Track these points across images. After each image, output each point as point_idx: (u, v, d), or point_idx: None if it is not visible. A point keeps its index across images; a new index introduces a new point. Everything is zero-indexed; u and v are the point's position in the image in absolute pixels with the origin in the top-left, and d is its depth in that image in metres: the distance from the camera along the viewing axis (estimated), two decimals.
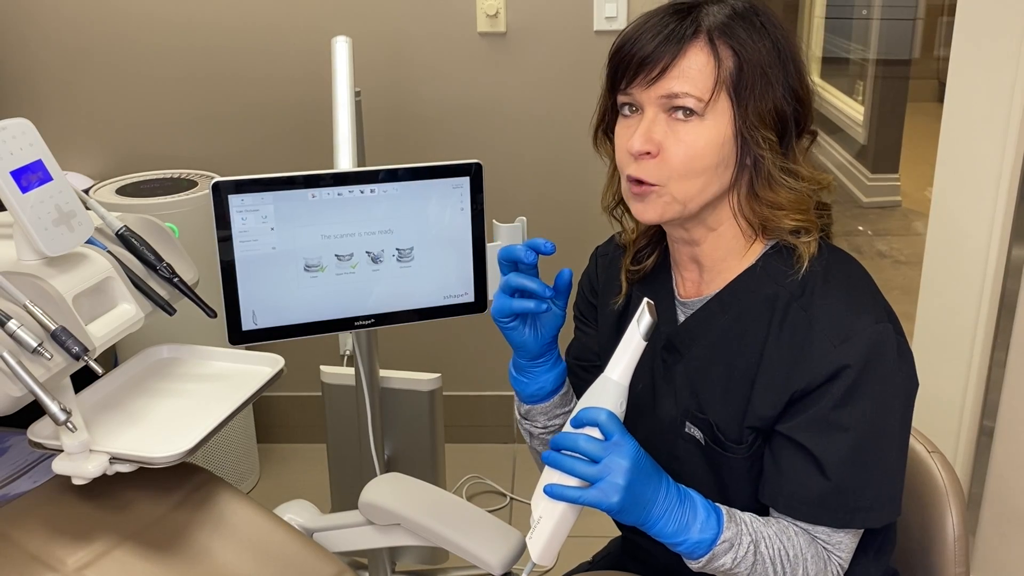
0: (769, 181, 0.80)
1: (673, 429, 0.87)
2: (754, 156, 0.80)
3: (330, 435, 1.58)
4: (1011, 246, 1.43)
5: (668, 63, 0.77)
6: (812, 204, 0.82)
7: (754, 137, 0.79)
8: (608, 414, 0.74)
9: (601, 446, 0.73)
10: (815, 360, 0.78)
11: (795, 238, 0.82)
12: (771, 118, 0.79)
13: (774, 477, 0.82)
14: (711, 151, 0.78)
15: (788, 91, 0.80)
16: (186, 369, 1.07)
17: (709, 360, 0.85)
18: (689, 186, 0.79)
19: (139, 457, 0.89)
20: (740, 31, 0.78)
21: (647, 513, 0.75)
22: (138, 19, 1.83)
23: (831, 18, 4.33)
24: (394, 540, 1.08)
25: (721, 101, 0.78)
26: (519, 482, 1.97)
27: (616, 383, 0.75)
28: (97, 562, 0.89)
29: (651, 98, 0.79)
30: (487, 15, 1.79)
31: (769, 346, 0.81)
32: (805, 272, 0.81)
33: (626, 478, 0.72)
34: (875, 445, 0.79)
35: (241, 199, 0.87)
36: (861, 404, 0.78)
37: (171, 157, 1.90)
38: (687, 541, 0.76)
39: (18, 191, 0.83)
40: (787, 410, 0.80)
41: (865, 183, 3.66)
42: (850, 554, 0.82)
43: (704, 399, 0.85)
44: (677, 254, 0.89)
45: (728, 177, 0.81)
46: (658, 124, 0.79)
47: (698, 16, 0.79)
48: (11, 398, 0.80)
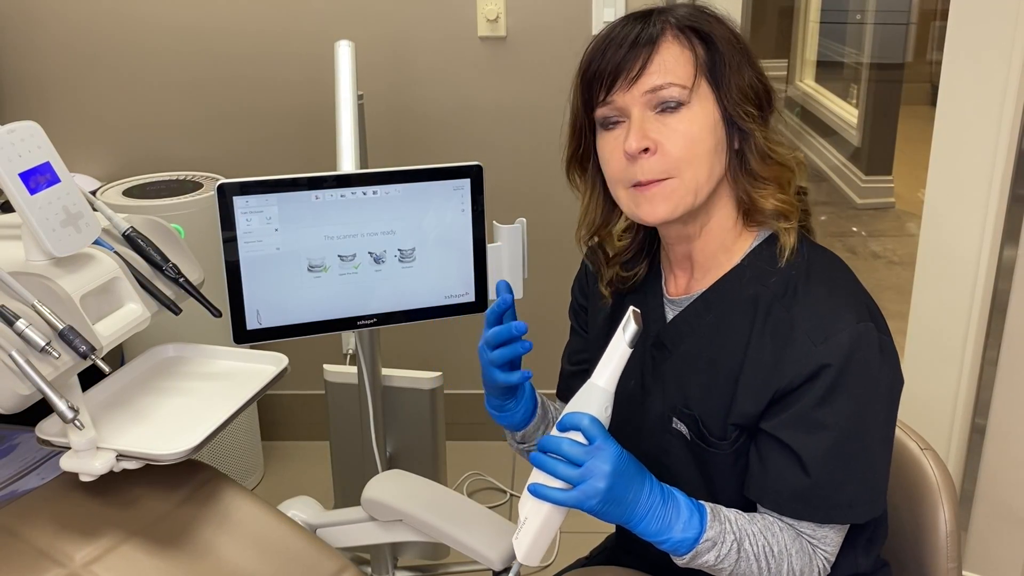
0: (761, 154, 0.82)
1: (661, 424, 0.89)
2: (744, 133, 0.82)
3: (333, 432, 1.59)
4: (1002, 247, 1.44)
5: (645, 61, 0.79)
6: (794, 184, 0.84)
7: (739, 113, 0.81)
8: (591, 419, 0.75)
9: (583, 450, 0.74)
10: (796, 359, 0.79)
11: (778, 223, 0.84)
12: (751, 92, 0.82)
13: (759, 474, 0.83)
14: (706, 134, 0.80)
15: (754, 72, 0.83)
16: (191, 368, 1.07)
17: (695, 357, 0.86)
18: (698, 172, 0.81)
19: (145, 454, 0.89)
20: (702, 22, 0.82)
21: (630, 513, 0.76)
22: (144, 25, 1.84)
23: (826, 23, 4.34)
24: (396, 536, 1.09)
25: (703, 87, 0.80)
26: (519, 479, 1.98)
27: (602, 389, 0.76)
28: (104, 557, 0.90)
29: (636, 98, 0.80)
30: (487, 20, 1.81)
31: (752, 345, 0.82)
32: (788, 272, 0.82)
33: (607, 482, 0.73)
34: (856, 443, 0.80)
35: (246, 200, 0.87)
36: (842, 402, 0.78)
37: (177, 159, 1.91)
38: (670, 540, 0.77)
39: (26, 193, 0.84)
40: (770, 408, 0.81)
41: (859, 185, 3.68)
42: (836, 548, 0.83)
43: (690, 395, 0.86)
44: (671, 254, 0.90)
45: (724, 159, 0.82)
46: (648, 122, 0.80)
47: (659, 17, 0.82)
48: (19, 396, 0.80)
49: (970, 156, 1.44)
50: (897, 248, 3.27)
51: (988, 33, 1.39)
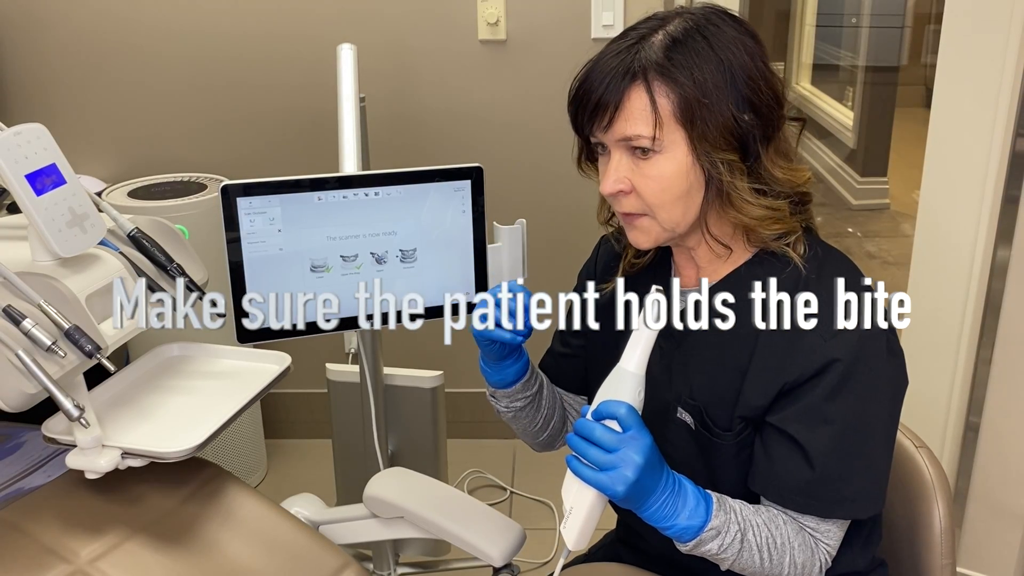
0: (732, 202, 0.81)
1: (666, 413, 0.89)
2: (716, 179, 0.80)
3: (335, 431, 1.59)
4: (996, 247, 1.45)
5: (615, 110, 0.79)
6: (786, 213, 0.82)
7: (712, 161, 0.79)
8: (628, 408, 0.75)
9: (617, 438, 0.75)
10: (806, 353, 0.79)
11: (778, 243, 0.83)
12: (724, 140, 0.79)
13: (764, 466, 0.83)
14: (679, 180, 0.80)
15: (743, 106, 0.79)
16: (196, 367, 1.08)
17: (703, 349, 0.87)
18: (672, 213, 0.82)
19: (150, 452, 0.90)
20: (677, 65, 0.78)
21: (644, 500, 0.77)
22: (150, 29, 1.85)
23: (822, 26, 4.36)
24: (397, 533, 1.09)
25: (674, 132, 0.79)
26: (519, 476, 1.99)
27: (633, 374, 0.77)
28: (109, 554, 0.90)
29: (612, 141, 0.82)
30: (488, 23, 1.82)
31: (762, 339, 0.82)
32: (799, 268, 0.83)
33: (636, 473, 0.74)
34: (861, 438, 0.81)
35: (249, 202, 0.88)
36: (849, 398, 0.79)
37: (181, 161, 1.92)
38: (675, 526, 0.78)
39: (33, 194, 0.84)
40: (777, 401, 0.82)
41: (855, 186, 3.69)
42: (838, 543, 0.84)
43: (696, 386, 0.87)
44: (676, 254, 0.91)
45: (699, 200, 0.82)
46: (623, 163, 0.81)
47: (638, 53, 0.79)
48: (26, 395, 0.81)
49: (964, 158, 1.45)
50: (892, 249, 3.29)
51: (982, 36, 1.39)
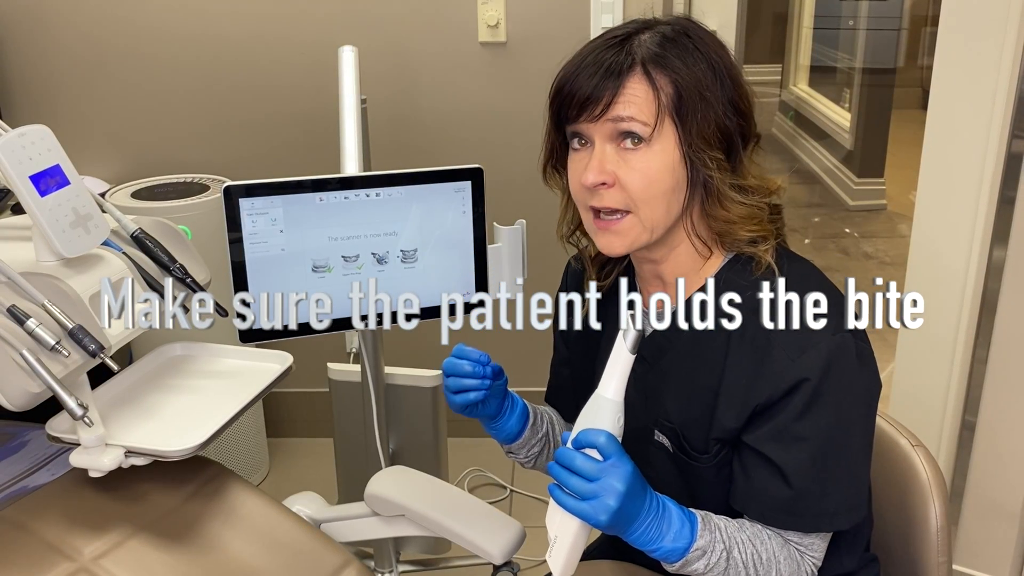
0: (720, 200, 0.81)
1: (644, 436, 0.89)
2: (703, 176, 0.80)
3: (337, 430, 1.59)
4: (992, 248, 1.45)
5: (611, 99, 0.79)
6: (766, 215, 0.83)
7: (701, 158, 0.79)
8: (607, 436, 0.74)
9: (598, 467, 0.73)
10: (775, 374, 0.79)
11: (752, 247, 0.83)
12: (715, 137, 0.80)
13: (743, 486, 0.83)
14: (665, 175, 0.80)
15: (729, 107, 0.80)
16: (198, 366, 1.08)
17: (675, 371, 0.86)
18: (654, 210, 0.81)
19: (153, 451, 0.90)
20: (673, 58, 0.79)
21: (628, 526, 0.76)
22: (153, 31, 1.86)
23: (819, 28, 4.38)
24: (398, 531, 1.10)
25: (666, 126, 0.79)
26: (519, 475, 1.99)
27: (611, 401, 0.75)
28: (113, 552, 0.90)
29: (600, 129, 0.80)
30: (488, 26, 1.83)
31: (730, 360, 0.81)
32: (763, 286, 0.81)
33: (619, 501, 0.73)
34: (836, 453, 0.80)
35: (252, 202, 0.89)
36: (821, 415, 0.78)
37: (184, 162, 1.93)
38: (661, 549, 0.77)
39: (37, 195, 0.85)
40: (750, 422, 0.81)
41: (852, 187, 3.70)
42: (823, 553, 0.84)
43: (671, 409, 0.86)
44: (641, 271, 0.90)
45: (683, 199, 0.82)
46: (609, 155, 0.80)
47: (631, 47, 0.80)
48: (30, 394, 0.81)
49: (960, 159, 1.46)
50: (889, 249, 3.30)
51: (978, 38, 1.40)
